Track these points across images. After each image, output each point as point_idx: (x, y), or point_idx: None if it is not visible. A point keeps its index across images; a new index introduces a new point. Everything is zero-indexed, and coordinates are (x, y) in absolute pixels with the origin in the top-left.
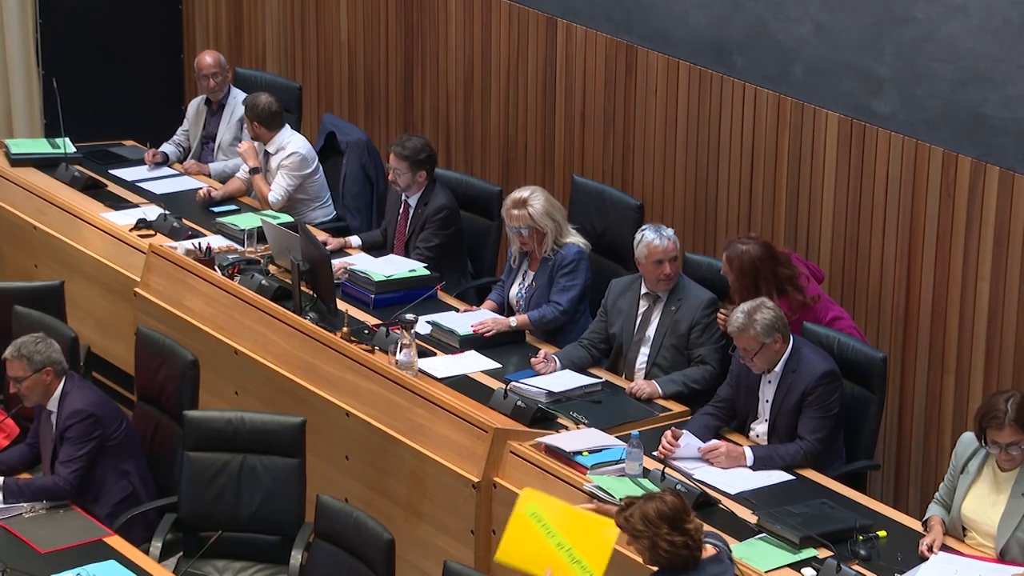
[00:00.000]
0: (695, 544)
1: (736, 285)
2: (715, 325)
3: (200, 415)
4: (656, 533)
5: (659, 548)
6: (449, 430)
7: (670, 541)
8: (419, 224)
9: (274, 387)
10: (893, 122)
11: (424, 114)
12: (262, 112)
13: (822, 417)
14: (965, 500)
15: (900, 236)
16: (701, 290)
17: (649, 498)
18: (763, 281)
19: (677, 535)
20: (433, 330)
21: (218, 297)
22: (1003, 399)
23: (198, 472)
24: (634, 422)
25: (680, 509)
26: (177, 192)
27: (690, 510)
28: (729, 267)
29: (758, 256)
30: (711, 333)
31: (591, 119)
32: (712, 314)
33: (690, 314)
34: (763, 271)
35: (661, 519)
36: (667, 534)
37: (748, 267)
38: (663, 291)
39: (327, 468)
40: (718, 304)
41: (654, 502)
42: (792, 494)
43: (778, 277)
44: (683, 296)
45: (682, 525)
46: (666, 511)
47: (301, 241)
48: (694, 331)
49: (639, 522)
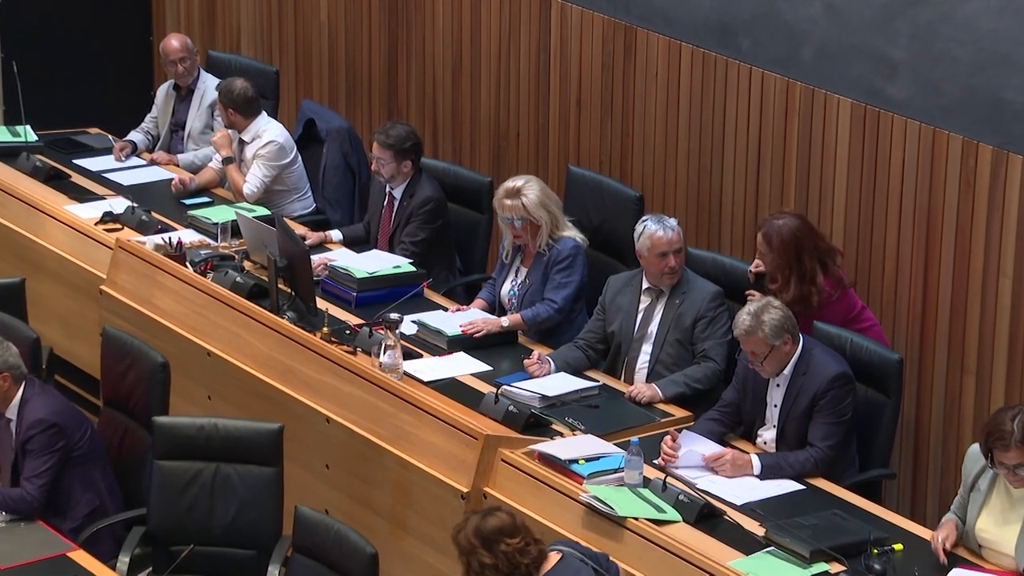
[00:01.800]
0: (508, 569)
1: (778, 262)
2: (722, 319)
3: (170, 421)
4: (471, 552)
5: (471, 569)
6: (436, 437)
7: (480, 563)
8: (404, 217)
9: (249, 391)
10: (908, 108)
11: (409, 100)
12: (237, 98)
13: (834, 423)
14: (979, 519)
15: (916, 229)
16: (707, 283)
17: (480, 514)
18: (806, 254)
19: (487, 556)
20: (419, 330)
21: (189, 295)
22: (1009, 417)
23: (168, 482)
24: (633, 428)
25: (498, 529)
26: (146, 183)
27: (518, 531)
28: (768, 245)
29: (798, 228)
30: (717, 327)
31: (587, 105)
32: (719, 307)
33: (695, 307)
34: (805, 243)
35: (477, 537)
36: (481, 555)
37: (790, 240)
38: (667, 285)
39: (306, 477)
40: (724, 298)
41: (477, 519)
42: (802, 505)
43: (819, 250)
44: (688, 290)
45: (495, 547)
46: (484, 529)
47: (278, 235)
48: (699, 324)
49: (462, 538)
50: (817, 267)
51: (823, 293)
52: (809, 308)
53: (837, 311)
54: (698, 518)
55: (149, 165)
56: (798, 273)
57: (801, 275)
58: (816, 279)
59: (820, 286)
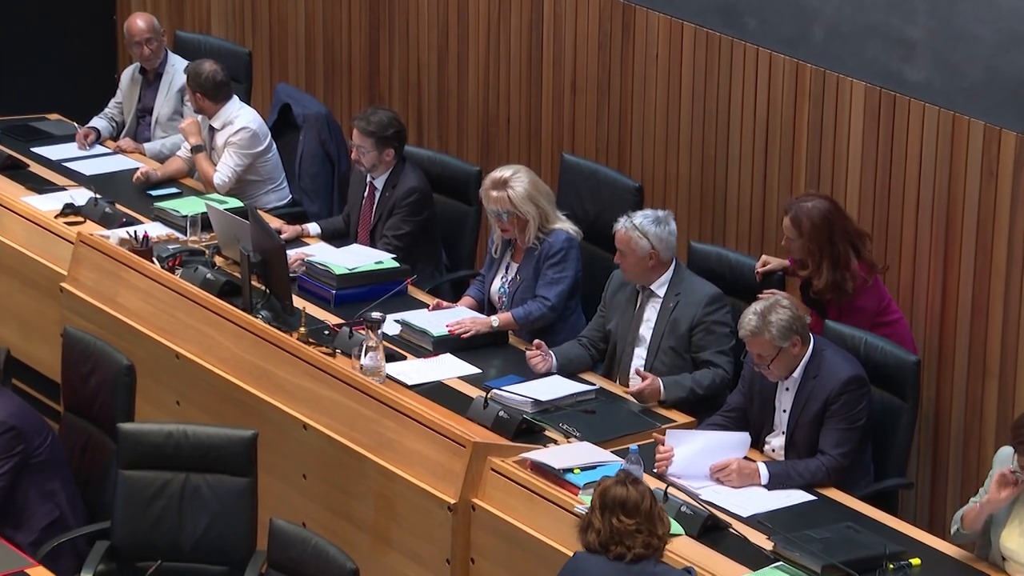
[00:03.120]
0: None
1: (809, 247)
2: (721, 325)
3: (136, 428)
4: (592, 508)
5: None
6: (421, 445)
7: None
8: (387, 209)
9: (221, 396)
10: (927, 92)
11: (392, 83)
12: (206, 82)
13: (847, 429)
14: (1005, 529)
15: (935, 222)
16: (703, 284)
17: (619, 479)
18: (839, 238)
19: (598, 520)
20: (403, 330)
21: (157, 293)
22: None
23: (134, 493)
24: (632, 435)
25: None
26: (110, 173)
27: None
28: (797, 229)
29: (828, 210)
30: (717, 334)
31: (583, 89)
32: (717, 311)
33: (691, 313)
34: (837, 226)
35: (599, 496)
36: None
37: (820, 222)
38: (640, 284)
39: (282, 488)
40: (724, 300)
41: (611, 480)
42: (813, 516)
43: (851, 233)
44: (682, 291)
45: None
46: (608, 495)
47: (251, 229)
48: (696, 332)
49: (595, 493)
50: (850, 251)
51: (857, 278)
52: (844, 295)
53: (871, 299)
54: (702, 531)
55: (113, 154)
56: (831, 258)
57: (834, 260)
58: (850, 263)
59: (855, 271)
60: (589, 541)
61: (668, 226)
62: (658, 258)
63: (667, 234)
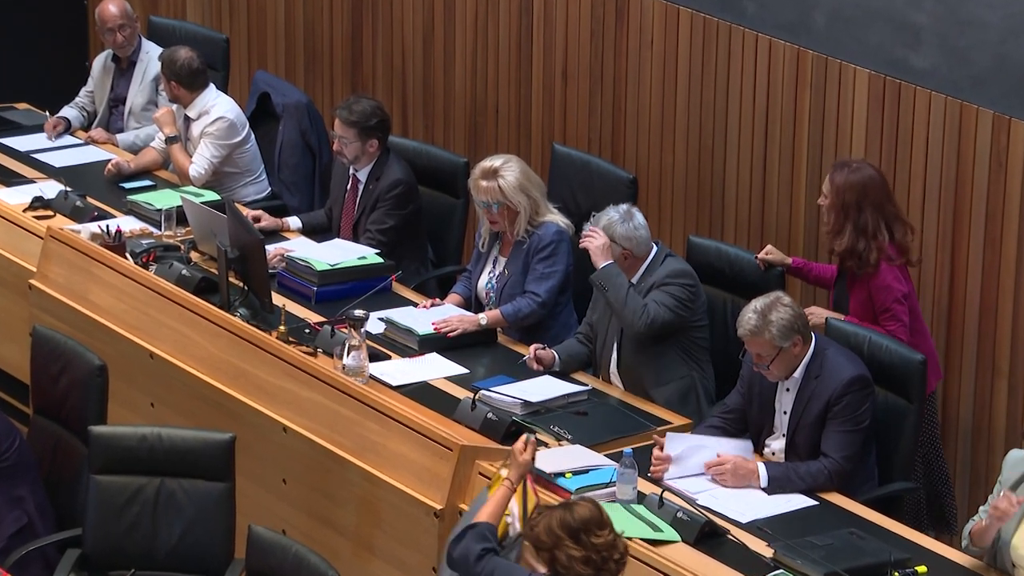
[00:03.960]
0: (599, 561)
1: (834, 204)
2: (680, 291)
3: (109, 431)
4: (556, 545)
5: (558, 562)
6: (406, 448)
7: (568, 555)
8: (370, 203)
9: (197, 397)
10: (933, 79)
11: (376, 71)
12: (181, 70)
13: (850, 431)
14: (1016, 535)
15: (942, 214)
16: (677, 265)
17: (562, 506)
18: (869, 208)
19: (576, 549)
20: (387, 329)
21: (130, 290)
22: None
23: (106, 499)
24: (626, 437)
25: (588, 520)
26: (81, 165)
27: (606, 524)
28: (831, 183)
29: (870, 178)
30: (669, 293)
31: (574, 77)
32: (677, 284)
33: (652, 280)
34: (872, 196)
35: (563, 529)
36: (569, 547)
37: (855, 185)
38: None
39: (261, 493)
40: (691, 278)
41: (560, 511)
42: (814, 522)
43: (886, 213)
44: (656, 275)
45: (586, 538)
46: (571, 521)
47: (229, 223)
48: (652, 291)
49: (543, 532)
50: (881, 226)
51: (883, 253)
52: (864, 265)
53: (893, 277)
54: (699, 537)
55: (84, 145)
56: (856, 223)
57: (859, 227)
58: (878, 236)
59: (882, 245)
60: None
61: (634, 220)
62: (632, 255)
63: (633, 229)
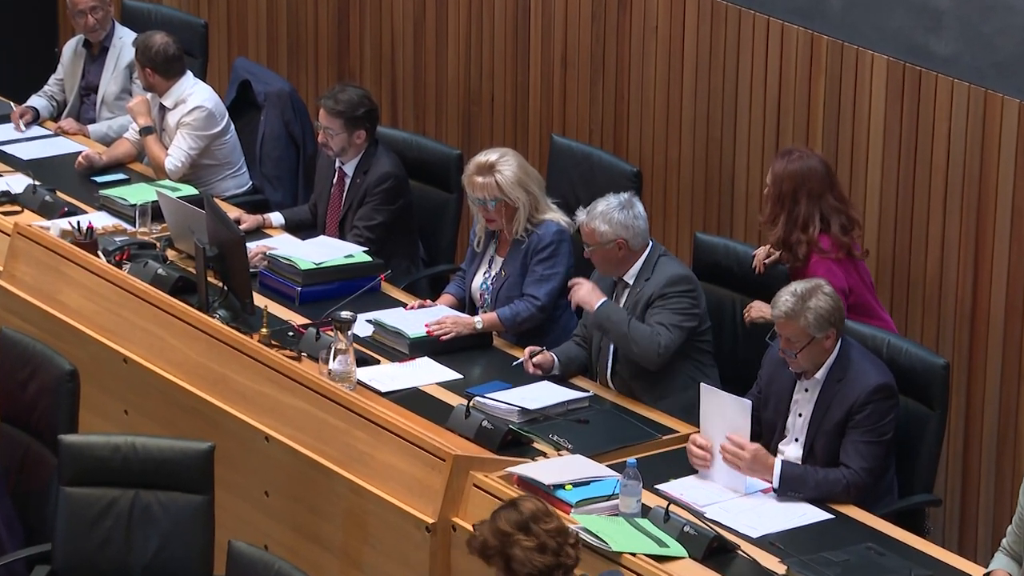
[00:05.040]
0: (555, 547)
1: (771, 192)
2: (680, 300)
3: (80, 440)
4: (507, 543)
5: (513, 560)
6: (396, 458)
7: (523, 548)
8: (357, 198)
9: (174, 404)
10: (956, 66)
11: (363, 58)
12: (157, 56)
13: (872, 442)
14: None
15: (966, 210)
16: (674, 266)
17: (502, 508)
18: (805, 199)
19: (529, 539)
20: (376, 331)
21: (102, 290)
22: None
23: (77, 512)
24: (630, 446)
25: (535, 512)
26: (50, 157)
27: (552, 514)
28: (772, 172)
29: (810, 169)
30: (671, 308)
31: (575, 64)
32: (681, 295)
33: (650, 290)
34: (811, 187)
35: (512, 525)
36: (521, 540)
37: (793, 175)
38: (612, 276)
39: (242, 506)
40: (692, 283)
41: (503, 511)
42: (830, 537)
43: (825, 204)
44: (651, 276)
45: (536, 526)
46: (517, 516)
47: (207, 219)
48: (653, 307)
49: (490, 536)
50: (816, 218)
51: (814, 246)
52: (794, 260)
53: (825, 270)
54: (707, 553)
55: (54, 136)
56: (789, 214)
57: (793, 218)
58: (809, 228)
59: (813, 238)
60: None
61: (633, 209)
62: (627, 247)
63: (632, 219)
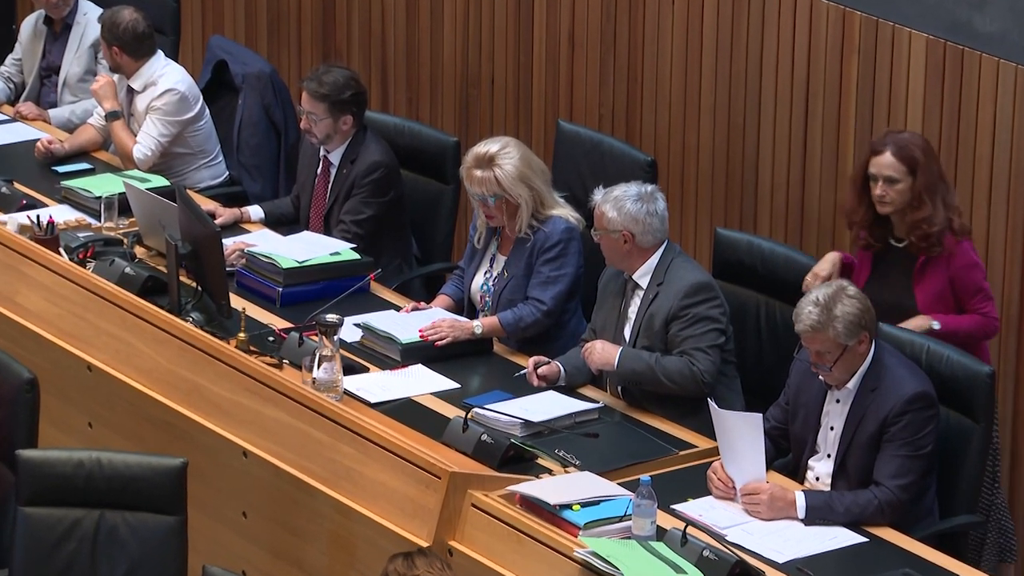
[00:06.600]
0: None
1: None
2: (705, 320)
3: (40, 456)
4: None
5: None
6: (386, 475)
7: None
8: (344, 189)
9: (143, 416)
10: (1001, 45)
11: (351, 37)
12: (124, 34)
13: (909, 456)
14: None
15: (1013, 200)
16: (692, 271)
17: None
18: (922, 172)
19: None
20: (365, 336)
21: (64, 291)
22: None
23: (37, 534)
24: (644, 463)
25: None
26: (6, 145)
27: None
28: (907, 165)
29: (926, 141)
30: (697, 328)
31: (583, 43)
32: (701, 303)
33: (667, 304)
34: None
35: None
36: None
37: (932, 151)
38: (626, 271)
39: (217, 528)
40: (713, 291)
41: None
42: (863, 562)
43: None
44: (664, 280)
45: None
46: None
47: (180, 213)
48: (672, 326)
49: None
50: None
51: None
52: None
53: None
54: None
55: (12, 121)
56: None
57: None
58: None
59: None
60: None
61: (651, 204)
62: (633, 241)
63: (646, 214)
